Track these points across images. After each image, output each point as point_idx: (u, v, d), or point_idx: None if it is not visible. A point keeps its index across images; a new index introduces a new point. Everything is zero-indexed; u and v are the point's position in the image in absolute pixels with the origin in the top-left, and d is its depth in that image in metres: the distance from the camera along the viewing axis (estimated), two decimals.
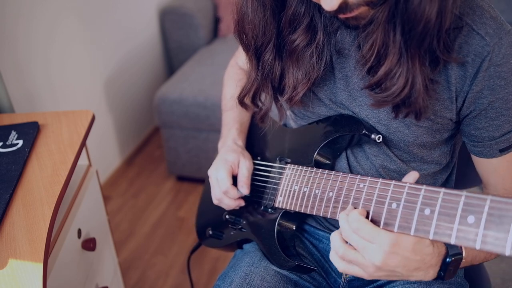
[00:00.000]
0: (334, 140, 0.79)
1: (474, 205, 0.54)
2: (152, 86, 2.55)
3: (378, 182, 0.65)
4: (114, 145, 2.29)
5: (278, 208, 0.83)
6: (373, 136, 0.74)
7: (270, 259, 0.83)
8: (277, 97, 0.80)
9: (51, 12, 1.71)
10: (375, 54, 0.64)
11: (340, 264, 0.65)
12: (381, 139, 0.74)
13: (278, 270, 0.83)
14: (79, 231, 0.99)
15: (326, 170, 0.75)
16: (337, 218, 0.69)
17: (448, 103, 0.69)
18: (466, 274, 0.90)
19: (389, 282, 0.83)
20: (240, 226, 0.91)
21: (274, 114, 0.86)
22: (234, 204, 0.88)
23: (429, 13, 0.56)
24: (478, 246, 0.52)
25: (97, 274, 1.10)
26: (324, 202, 0.73)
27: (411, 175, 0.64)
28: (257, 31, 0.72)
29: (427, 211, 0.58)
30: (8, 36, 1.51)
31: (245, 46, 0.76)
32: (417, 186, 0.60)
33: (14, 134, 0.98)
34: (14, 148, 0.94)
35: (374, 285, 0.85)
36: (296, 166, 0.82)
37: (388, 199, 0.63)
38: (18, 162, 0.90)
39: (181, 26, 2.44)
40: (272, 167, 0.88)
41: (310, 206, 0.75)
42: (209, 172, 0.90)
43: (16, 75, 1.55)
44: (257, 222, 0.87)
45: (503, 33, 0.64)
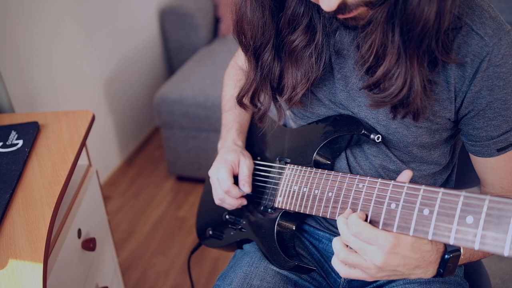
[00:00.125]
0: (334, 140, 0.79)
1: (473, 205, 0.54)
2: (152, 86, 2.55)
3: (377, 182, 0.65)
4: (114, 145, 2.29)
5: (278, 208, 0.83)
6: (372, 136, 0.74)
7: (270, 259, 0.83)
8: (276, 97, 0.80)
9: (52, 12, 1.71)
10: (374, 54, 0.64)
11: (342, 269, 0.65)
12: (380, 139, 0.74)
13: (278, 270, 0.83)
14: (79, 231, 0.99)
15: (326, 170, 0.75)
16: (336, 218, 0.69)
17: (447, 104, 0.69)
18: (466, 274, 0.90)
19: (389, 282, 0.83)
20: (240, 226, 0.91)
21: (274, 114, 0.86)
22: (236, 203, 0.87)
23: (427, 13, 0.56)
24: (477, 247, 0.53)
25: (97, 274, 1.11)
26: (323, 202, 0.73)
27: (405, 174, 0.64)
28: (256, 32, 0.72)
29: (426, 212, 0.58)
30: (8, 35, 1.51)
31: (244, 46, 0.76)
32: (416, 186, 0.60)
33: (14, 134, 0.98)
34: (14, 148, 0.94)
35: (374, 285, 0.85)
36: (295, 166, 0.82)
37: (387, 199, 0.63)
38: (18, 162, 0.90)
39: (181, 26, 2.44)
40: (271, 167, 0.88)
41: (309, 206, 0.76)
42: (209, 172, 0.90)
43: (16, 75, 1.55)
44: (257, 222, 0.87)
45: (503, 33, 0.64)
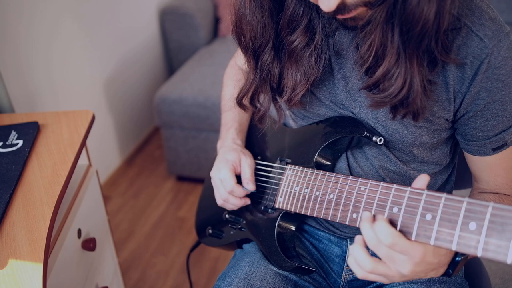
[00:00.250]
0: (335, 141, 0.78)
1: (476, 211, 0.53)
2: (152, 86, 2.55)
3: (379, 186, 0.65)
4: (114, 145, 2.29)
5: (278, 208, 0.83)
6: (374, 138, 0.73)
7: (270, 260, 0.83)
8: (275, 98, 0.79)
9: (52, 12, 1.71)
10: (373, 54, 0.64)
11: (361, 273, 0.63)
12: (382, 142, 0.74)
13: (278, 270, 0.83)
14: (79, 231, 0.99)
15: (327, 172, 0.75)
16: (337, 220, 0.69)
17: (446, 104, 0.69)
18: (466, 273, 0.90)
19: None
20: (240, 226, 0.91)
21: (274, 114, 0.86)
22: (240, 202, 0.87)
23: (427, 13, 0.56)
24: (479, 254, 0.52)
25: (97, 274, 1.11)
26: (324, 204, 0.72)
27: (422, 179, 0.61)
28: (255, 32, 0.71)
29: (429, 217, 0.57)
30: (8, 35, 1.51)
31: (243, 47, 0.76)
32: (418, 190, 0.60)
33: (14, 134, 0.98)
34: (14, 148, 0.94)
35: (374, 285, 0.85)
36: (296, 167, 0.81)
37: (389, 203, 0.62)
38: (18, 162, 0.90)
39: (181, 26, 2.44)
40: (272, 167, 0.88)
41: (310, 207, 0.75)
42: (211, 174, 0.89)
43: (16, 75, 1.55)
44: (257, 222, 0.87)
45: (502, 35, 0.64)
